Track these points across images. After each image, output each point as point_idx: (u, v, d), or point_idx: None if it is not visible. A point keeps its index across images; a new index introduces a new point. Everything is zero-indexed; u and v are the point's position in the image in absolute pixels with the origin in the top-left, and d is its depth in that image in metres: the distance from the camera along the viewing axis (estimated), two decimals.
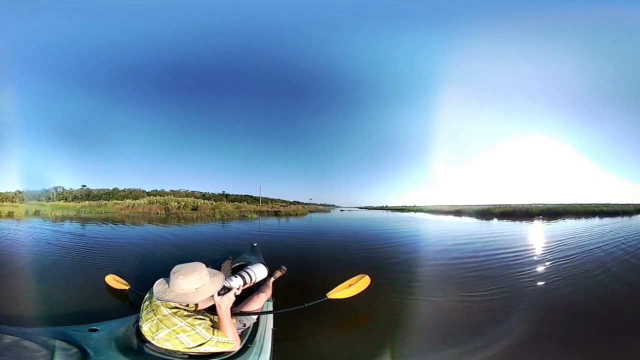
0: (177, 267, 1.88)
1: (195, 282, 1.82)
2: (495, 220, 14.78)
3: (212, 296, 1.89)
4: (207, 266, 2.59)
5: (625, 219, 14.29)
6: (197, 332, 1.74)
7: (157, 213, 18.37)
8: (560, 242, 7.35)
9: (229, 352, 1.85)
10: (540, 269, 4.89)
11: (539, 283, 4.16)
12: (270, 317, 2.43)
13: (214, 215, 17.64)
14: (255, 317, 2.33)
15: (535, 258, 5.73)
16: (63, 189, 22.07)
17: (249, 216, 18.02)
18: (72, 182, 22.17)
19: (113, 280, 3.68)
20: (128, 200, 20.46)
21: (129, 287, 3.47)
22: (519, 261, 5.42)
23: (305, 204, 25.14)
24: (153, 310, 1.84)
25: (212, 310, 1.96)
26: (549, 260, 5.41)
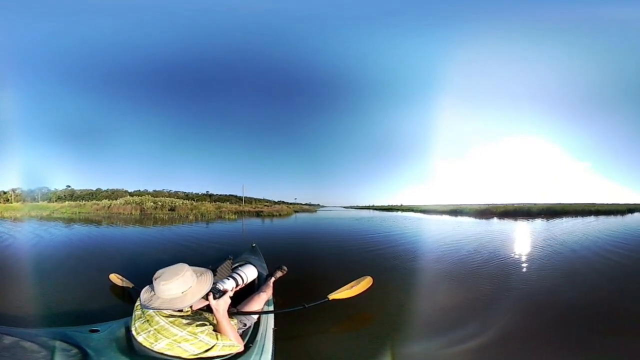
0: (158, 272, 1.77)
1: (179, 285, 1.72)
2: (494, 220, 15.37)
3: (208, 299, 1.83)
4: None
5: (619, 217, 16.05)
6: (200, 340, 1.67)
7: (131, 214, 17.78)
8: (556, 240, 7.75)
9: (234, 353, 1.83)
10: (535, 266, 5.16)
11: (533, 279, 4.41)
12: (271, 317, 2.42)
13: (187, 216, 17.05)
14: (256, 317, 2.30)
15: (531, 256, 6.02)
16: (48, 190, 21.34)
17: (227, 217, 17.43)
18: (57, 183, 21.53)
19: (117, 279, 3.61)
20: (105, 201, 19.85)
21: (133, 285, 3.38)
22: (516, 259, 5.71)
23: (290, 203, 25.11)
24: (147, 320, 1.74)
25: (209, 309, 1.90)
26: (544, 259, 5.71)
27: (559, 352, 2.48)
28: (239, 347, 1.82)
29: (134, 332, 1.78)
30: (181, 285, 1.73)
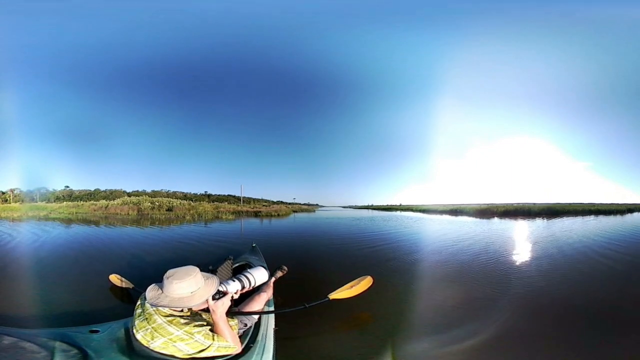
0: (170, 272, 1.80)
1: (190, 285, 1.77)
2: (494, 219, 15.46)
3: (207, 300, 1.83)
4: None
5: (618, 217, 16.56)
6: (196, 340, 1.69)
7: (128, 214, 17.78)
8: (555, 239, 7.84)
9: (232, 354, 1.82)
10: (535, 265, 5.20)
11: (533, 278, 4.42)
12: (272, 317, 2.41)
13: (184, 217, 16.99)
14: (256, 317, 2.30)
15: (530, 255, 6.09)
16: (47, 190, 21.39)
17: (224, 217, 17.44)
18: (56, 183, 21.61)
19: (117, 279, 3.60)
20: (102, 201, 19.84)
21: (133, 286, 3.40)
22: (516, 258, 5.74)
23: (289, 203, 25.14)
24: (146, 318, 1.77)
25: (207, 310, 1.90)
26: (543, 258, 5.75)
27: (558, 351, 2.49)
28: (235, 348, 1.81)
29: (133, 331, 1.79)
30: (192, 285, 1.77)
